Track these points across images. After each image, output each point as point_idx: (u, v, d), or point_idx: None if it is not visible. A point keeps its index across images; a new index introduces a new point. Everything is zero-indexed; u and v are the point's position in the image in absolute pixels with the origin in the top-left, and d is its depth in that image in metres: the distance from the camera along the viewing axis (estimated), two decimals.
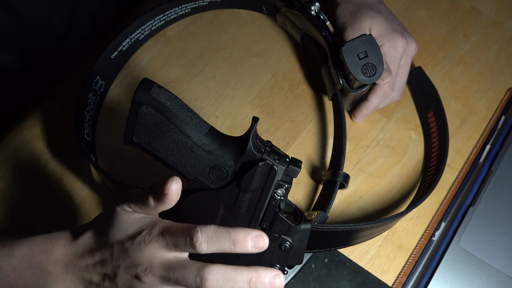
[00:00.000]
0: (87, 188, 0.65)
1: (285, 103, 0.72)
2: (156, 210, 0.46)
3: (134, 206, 0.47)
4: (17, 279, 0.48)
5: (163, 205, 0.45)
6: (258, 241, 0.44)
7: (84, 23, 0.73)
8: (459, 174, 0.70)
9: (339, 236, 0.59)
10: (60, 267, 0.47)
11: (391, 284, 0.64)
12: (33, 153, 0.66)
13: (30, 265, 0.48)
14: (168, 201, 0.45)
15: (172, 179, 0.44)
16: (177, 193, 0.45)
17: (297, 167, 0.49)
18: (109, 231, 0.46)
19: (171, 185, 0.44)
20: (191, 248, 0.43)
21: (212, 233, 0.43)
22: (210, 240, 0.43)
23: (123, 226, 0.46)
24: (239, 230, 0.44)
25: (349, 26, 0.67)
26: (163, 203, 0.45)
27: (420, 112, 0.74)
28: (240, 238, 0.43)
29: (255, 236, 0.44)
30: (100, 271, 0.46)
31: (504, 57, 0.78)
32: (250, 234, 0.44)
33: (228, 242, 0.43)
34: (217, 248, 0.43)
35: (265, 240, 0.44)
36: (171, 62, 0.74)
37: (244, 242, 0.44)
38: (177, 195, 0.45)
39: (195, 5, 0.76)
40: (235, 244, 0.43)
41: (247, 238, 0.44)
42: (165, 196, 0.44)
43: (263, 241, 0.44)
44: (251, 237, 0.44)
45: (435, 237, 0.66)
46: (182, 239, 0.43)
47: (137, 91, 0.47)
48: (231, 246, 0.43)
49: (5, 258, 0.48)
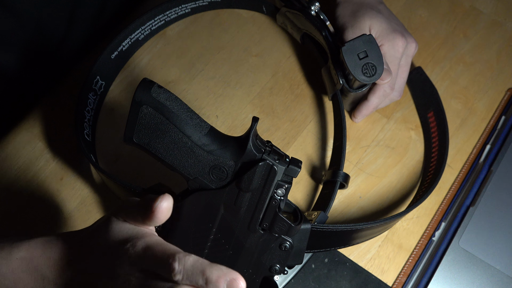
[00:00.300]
0: (87, 188, 0.65)
1: (285, 103, 0.72)
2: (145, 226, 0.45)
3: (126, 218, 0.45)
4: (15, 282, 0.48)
5: (151, 222, 0.43)
6: (232, 286, 0.40)
7: (84, 23, 0.73)
8: (459, 174, 0.70)
9: (339, 236, 0.59)
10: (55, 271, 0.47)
11: (391, 284, 0.64)
12: (33, 153, 0.66)
13: (28, 268, 0.48)
14: (156, 219, 0.43)
15: (162, 197, 0.42)
16: (167, 211, 0.43)
17: (297, 167, 0.49)
18: (99, 238, 0.46)
19: (160, 203, 0.42)
20: (167, 275, 0.41)
21: (190, 265, 0.40)
22: (185, 272, 0.40)
23: (114, 234, 0.45)
24: (215, 269, 0.40)
25: (349, 26, 0.67)
26: (151, 220, 0.43)
27: (420, 112, 0.74)
28: (213, 277, 0.40)
29: (230, 281, 0.40)
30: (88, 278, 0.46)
31: (504, 57, 0.78)
32: (223, 276, 0.40)
33: (201, 279, 0.40)
34: (191, 282, 0.40)
35: (240, 284, 0.40)
36: (171, 62, 0.74)
37: (216, 283, 0.40)
38: (166, 213, 0.43)
39: (195, 5, 0.76)
40: (207, 283, 0.40)
41: (220, 280, 0.40)
42: (153, 214, 0.42)
43: (238, 285, 0.40)
44: (224, 280, 0.40)
45: (435, 237, 0.66)
46: (160, 263, 0.41)
47: (137, 91, 0.47)
48: (203, 284, 0.40)
49: (3, 261, 0.48)
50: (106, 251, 0.45)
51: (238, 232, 0.51)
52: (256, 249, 0.52)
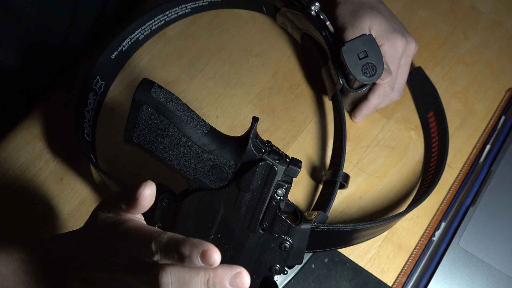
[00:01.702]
0: (87, 188, 0.65)
1: (285, 103, 0.72)
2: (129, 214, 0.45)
3: (109, 209, 0.45)
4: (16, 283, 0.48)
5: (134, 209, 0.43)
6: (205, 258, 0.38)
7: (85, 23, 0.73)
8: (459, 174, 0.70)
9: (339, 236, 0.59)
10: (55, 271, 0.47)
11: (391, 284, 0.64)
12: (33, 153, 0.66)
13: (28, 269, 0.48)
14: (140, 207, 0.42)
15: (145, 183, 0.42)
16: (150, 198, 0.42)
17: (297, 167, 0.49)
18: (88, 234, 0.46)
19: (144, 190, 0.42)
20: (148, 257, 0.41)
21: (164, 244, 0.39)
22: (162, 251, 0.40)
23: (97, 227, 0.45)
24: (187, 243, 0.39)
25: (349, 26, 0.67)
26: (135, 207, 0.42)
27: (420, 112, 0.74)
28: (186, 252, 0.38)
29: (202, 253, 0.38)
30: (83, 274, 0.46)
31: (504, 57, 0.78)
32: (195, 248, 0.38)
33: (177, 255, 0.39)
34: (168, 260, 0.40)
35: (214, 256, 0.38)
36: (171, 62, 0.74)
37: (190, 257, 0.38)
38: (149, 200, 0.42)
39: (195, 5, 0.76)
40: (182, 258, 0.39)
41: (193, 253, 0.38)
42: (137, 201, 0.42)
43: (211, 258, 0.38)
44: (196, 252, 0.38)
45: (435, 237, 0.66)
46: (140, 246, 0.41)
47: (137, 91, 0.47)
48: (179, 260, 0.39)
49: (4, 262, 0.48)
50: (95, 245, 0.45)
51: (238, 232, 0.51)
52: (256, 249, 0.52)
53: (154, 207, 0.51)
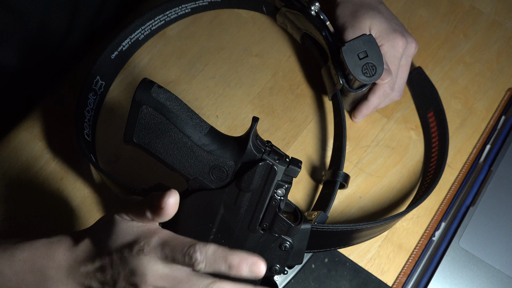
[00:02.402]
0: (87, 188, 0.65)
1: (285, 103, 0.72)
2: (154, 222, 0.46)
3: (132, 216, 0.46)
4: (18, 283, 0.48)
5: (160, 218, 0.44)
6: (253, 269, 0.42)
7: (85, 22, 0.73)
8: (459, 174, 0.70)
9: (339, 236, 0.59)
10: (61, 272, 0.47)
11: (391, 284, 0.64)
12: (33, 153, 0.66)
13: (31, 269, 0.48)
14: (165, 215, 0.44)
15: (169, 192, 0.43)
16: (175, 206, 0.44)
17: (297, 167, 0.49)
18: (107, 239, 0.46)
19: (168, 199, 0.43)
20: (190, 266, 0.43)
21: (211, 254, 0.42)
22: (207, 261, 0.42)
23: (121, 234, 0.45)
24: (236, 254, 0.42)
25: (349, 26, 0.67)
26: (160, 216, 0.44)
27: (420, 112, 0.74)
28: (235, 263, 0.42)
29: (251, 264, 0.42)
30: (99, 278, 0.46)
31: (504, 57, 0.78)
32: (245, 260, 0.42)
33: (224, 266, 0.42)
34: (213, 270, 0.42)
35: (261, 268, 0.42)
36: (171, 62, 0.74)
37: (238, 268, 0.42)
38: (174, 208, 0.44)
39: (195, 5, 0.76)
40: (230, 268, 0.42)
41: (242, 264, 0.42)
42: (162, 209, 0.43)
43: (258, 269, 0.42)
44: (246, 263, 0.42)
45: (435, 237, 0.66)
46: (181, 257, 0.43)
47: (137, 91, 0.47)
48: (227, 269, 0.42)
49: (6, 263, 0.48)
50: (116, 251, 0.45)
51: (238, 232, 0.51)
52: (256, 249, 0.52)
53: None
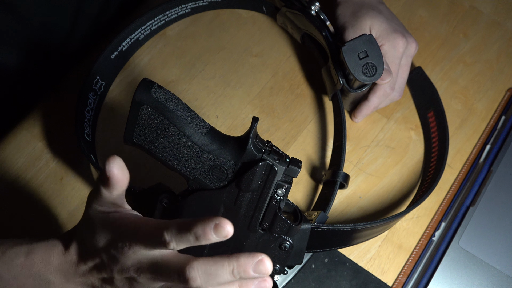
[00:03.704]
0: (87, 188, 0.65)
1: (285, 103, 0.72)
2: (115, 197, 0.45)
3: (101, 203, 0.45)
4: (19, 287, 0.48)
5: (114, 189, 0.43)
6: (219, 231, 0.40)
7: (86, 23, 0.73)
8: (459, 174, 0.70)
9: (339, 236, 0.59)
10: (60, 276, 0.47)
11: (391, 284, 0.64)
12: (33, 153, 0.66)
13: (30, 274, 0.48)
14: (116, 183, 0.43)
15: (109, 160, 0.42)
16: (121, 172, 0.42)
17: (297, 167, 0.49)
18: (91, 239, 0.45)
19: (110, 167, 0.42)
20: (165, 247, 0.42)
21: (175, 231, 0.41)
22: (176, 238, 0.41)
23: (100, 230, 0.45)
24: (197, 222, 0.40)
25: (350, 26, 0.67)
26: (112, 187, 0.43)
27: (420, 112, 0.74)
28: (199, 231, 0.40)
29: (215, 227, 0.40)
30: (97, 275, 0.46)
31: (504, 57, 0.78)
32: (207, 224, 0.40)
33: (192, 237, 0.40)
34: (185, 244, 0.41)
35: (226, 228, 0.40)
36: (171, 62, 0.74)
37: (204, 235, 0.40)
38: (121, 174, 0.42)
39: (195, 5, 0.76)
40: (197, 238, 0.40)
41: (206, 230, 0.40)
42: (110, 179, 0.42)
43: (223, 229, 0.40)
44: (210, 227, 0.40)
45: (435, 237, 0.66)
46: (155, 239, 0.42)
47: (137, 91, 0.47)
48: (196, 241, 0.40)
49: (5, 267, 0.48)
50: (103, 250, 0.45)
51: (238, 232, 0.51)
52: (256, 249, 0.52)
53: (154, 207, 0.52)
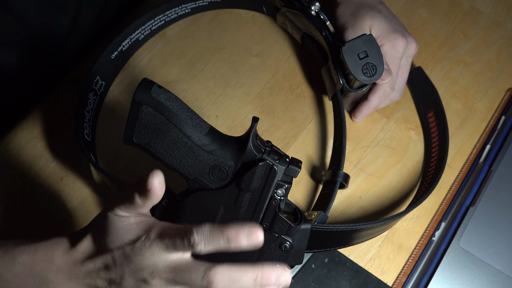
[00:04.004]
0: (87, 188, 0.65)
1: (285, 103, 0.72)
2: (146, 207, 0.46)
3: (126, 208, 0.46)
4: (19, 286, 0.48)
5: (149, 200, 0.45)
6: (251, 238, 0.42)
7: (86, 23, 0.73)
8: (459, 174, 0.70)
9: (339, 236, 0.59)
10: (62, 275, 0.47)
11: (391, 284, 0.64)
12: (33, 153, 0.66)
13: (31, 273, 0.48)
14: (154, 196, 0.44)
15: (152, 173, 0.44)
16: (161, 186, 0.44)
17: (297, 167, 0.49)
18: (106, 238, 0.46)
19: (152, 179, 0.43)
20: (191, 249, 0.43)
21: (207, 233, 0.42)
22: (205, 240, 0.42)
23: (120, 234, 0.46)
24: (231, 227, 0.42)
25: (350, 26, 0.67)
26: (149, 198, 0.44)
27: (420, 112, 0.74)
28: (232, 235, 0.42)
29: (248, 233, 0.42)
30: (104, 276, 0.46)
31: (504, 57, 0.78)
32: (241, 230, 0.42)
33: (222, 240, 0.42)
34: (214, 247, 0.42)
35: (258, 236, 0.42)
36: (171, 62, 0.74)
37: (236, 239, 0.42)
38: (160, 188, 0.44)
39: (195, 5, 0.76)
40: (229, 241, 0.42)
41: (239, 235, 0.42)
42: (149, 191, 0.44)
43: (256, 237, 0.42)
44: (243, 233, 0.42)
45: (435, 237, 0.66)
46: (179, 241, 0.43)
47: (137, 91, 0.47)
48: (226, 244, 0.42)
49: (6, 266, 0.48)
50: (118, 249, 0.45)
51: None
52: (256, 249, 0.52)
53: (154, 207, 0.51)
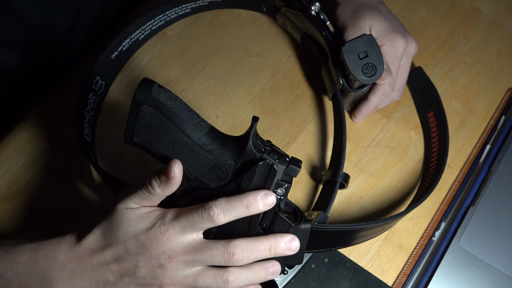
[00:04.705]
0: (87, 188, 0.65)
1: (285, 103, 0.72)
2: (162, 197, 0.48)
3: (139, 200, 0.48)
4: (20, 285, 0.48)
5: (169, 188, 0.47)
6: (267, 199, 0.47)
7: (87, 23, 0.73)
8: (459, 174, 0.70)
9: (339, 236, 0.59)
10: (65, 272, 0.47)
11: (391, 284, 0.64)
12: (33, 153, 0.66)
13: (33, 271, 0.48)
14: (175, 183, 0.47)
15: (173, 162, 0.47)
16: (181, 174, 0.47)
17: (297, 166, 0.49)
18: (117, 230, 0.47)
19: (174, 168, 0.47)
20: (210, 223, 0.46)
21: (225, 203, 0.47)
22: (225, 210, 0.46)
23: (133, 224, 0.47)
24: (248, 194, 0.47)
25: (349, 26, 0.67)
26: (169, 186, 0.47)
27: (420, 112, 0.74)
28: (251, 200, 0.47)
29: (263, 196, 0.47)
30: (115, 268, 0.46)
31: (504, 57, 0.78)
32: (258, 195, 0.47)
33: (242, 207, 0.47)
34: (233, 215, 0.47)
35: (272, 197, 0.48)
36: (171, 62, 0.74)
37: (255, 203, 0.47)
38: (181, 176, 0.47)
39: (195, 5, 0.76)
40: (248, 207, 0.47)
41: (257, 199, 0.47)
42: (171, 179, 0.46)
43: (270, 199, 0.48)
44: (260, 197, 0.47)
45: (435, 237, 0.66)
46: (198, 217, 0.46)
47: (138, 91, 0.47)
48: (246, 210, 0.47)
49: (7, 264, 0.48)
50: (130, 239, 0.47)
51: (238, 232, 0.51)
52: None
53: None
